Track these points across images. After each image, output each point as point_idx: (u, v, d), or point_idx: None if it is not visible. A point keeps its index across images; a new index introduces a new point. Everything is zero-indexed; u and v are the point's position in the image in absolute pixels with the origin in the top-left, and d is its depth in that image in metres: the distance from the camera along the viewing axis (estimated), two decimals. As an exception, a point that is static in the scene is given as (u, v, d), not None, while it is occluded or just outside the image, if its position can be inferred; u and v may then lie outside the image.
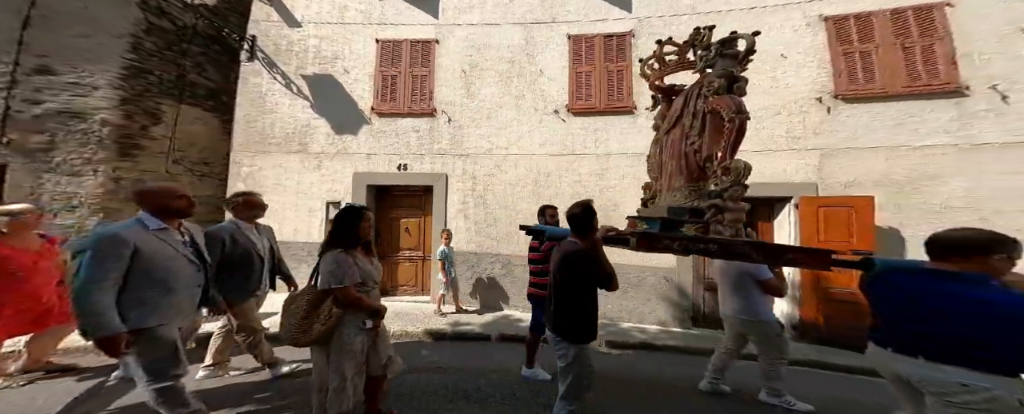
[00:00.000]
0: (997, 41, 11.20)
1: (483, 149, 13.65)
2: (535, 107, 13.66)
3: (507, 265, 13.65)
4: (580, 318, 4.74)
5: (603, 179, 13.40)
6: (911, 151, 11.46)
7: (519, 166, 13.66)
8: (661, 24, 13.50)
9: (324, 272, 4.64)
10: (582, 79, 13.75)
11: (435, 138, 13.98)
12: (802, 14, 12.67)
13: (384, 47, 14.53)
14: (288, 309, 4.89)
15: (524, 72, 13.77)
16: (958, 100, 11.20)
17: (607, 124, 13.56)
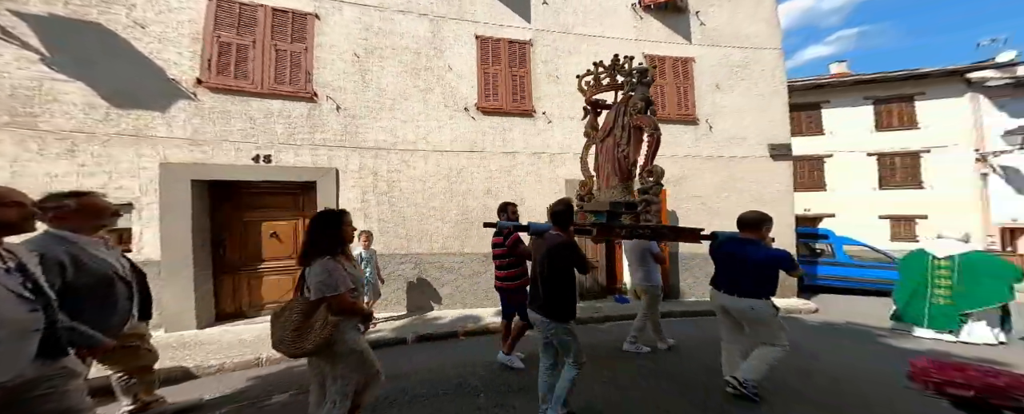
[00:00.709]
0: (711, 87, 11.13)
1: (387, 143, 9.85)
2: (445, 103, 10.47)
3: (420, 264, 10.10)
4: (568, 299, 4.23)
5: (511, 175, 10.82)
6: (677, 159, 11.52)
7: (429, 162, 10.21)
8: (552, 38, 11.23)
9: (316, 282, 3.44)
10: (490, 79, 10.87)
11: (317, 127, 9.47)
12: (636, 53, 11.62)
13: (222, 6, 9.03)
14: (278, 321, 3.60)
15: (432, 66, 10.46)
16: (692, 127, 12.16)
17: (512, 124, 10.84)
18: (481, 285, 10.39)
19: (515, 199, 10.38)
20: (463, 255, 10.35)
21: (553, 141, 11.20)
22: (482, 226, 6.17)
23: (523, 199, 10.67)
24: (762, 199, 11.74)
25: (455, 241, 10.34)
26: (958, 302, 7.69)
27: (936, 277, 7.80)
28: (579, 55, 11.47)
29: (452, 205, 10.34)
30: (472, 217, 10.45)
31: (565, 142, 11.21)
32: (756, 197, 11.84)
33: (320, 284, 3.39)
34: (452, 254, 10.32)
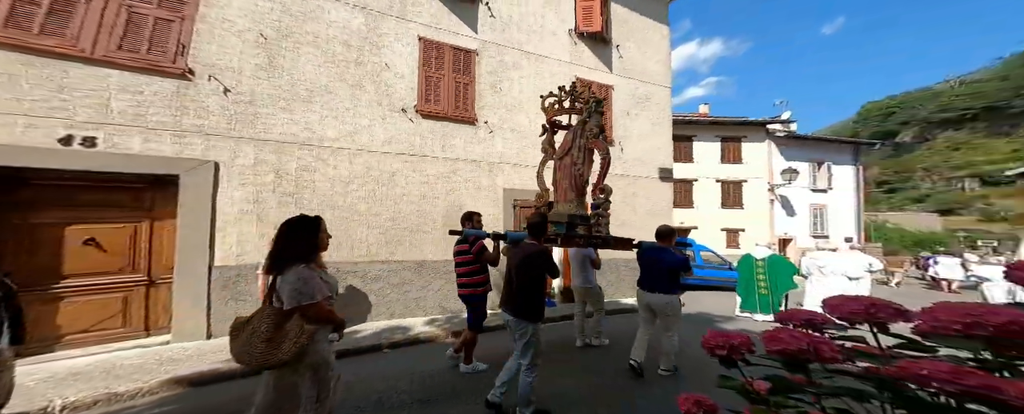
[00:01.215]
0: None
1: (299, 138, 4.89)
2: (379, 101, 5.55)
3: (339, 273, 4.93)
4: (538, 302, 2.70)
5: (449, 182, 6.17)
6: None
7: (356, 162, 5.31)
8: (498, 51, 6.70)
9: (291, 290, 1.73)
10: (432, 83, 6.13)
11: (188, 109, 4.25)
12: (568, 75, 6.88)
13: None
14: (240, 333, 1.77)
15: (366, 61, 5.53)
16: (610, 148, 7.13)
17: (454, 131, 6.27)
18: (411, 294, 5.59)
19: (455, 206, 5.78)
20: (392, 263, 5.46)
21: (494, 151, 6.47)
22: (411, 233, 4.48)
23: (462, 206, 5.97)
24: (653, 212, 8.05)
25: (383, 248, 5.39)
26: (771, 292, 6.29)
27: (757, 274, 6.33)
28: (522, 70, 6.87)
29: (382, 210, 5.38)
30: (405, 224, 5.57)
31: (505, 152, 6.55)
32: (650, 211, 8.08)
33: (295, 292, 1.73)
34: (379, 262, 5.40)
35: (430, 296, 5.67)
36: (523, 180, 6.73)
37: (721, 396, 0.91)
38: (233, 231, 4.36)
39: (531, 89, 6.94)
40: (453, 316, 5.66)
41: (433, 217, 5.80)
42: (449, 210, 5.92)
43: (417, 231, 5.64)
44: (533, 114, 6.94)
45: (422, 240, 5.68)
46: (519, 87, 6.86)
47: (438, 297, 5.73)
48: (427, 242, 5.70)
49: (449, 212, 5.92)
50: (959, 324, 0.62)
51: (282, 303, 1.73)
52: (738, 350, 0.82)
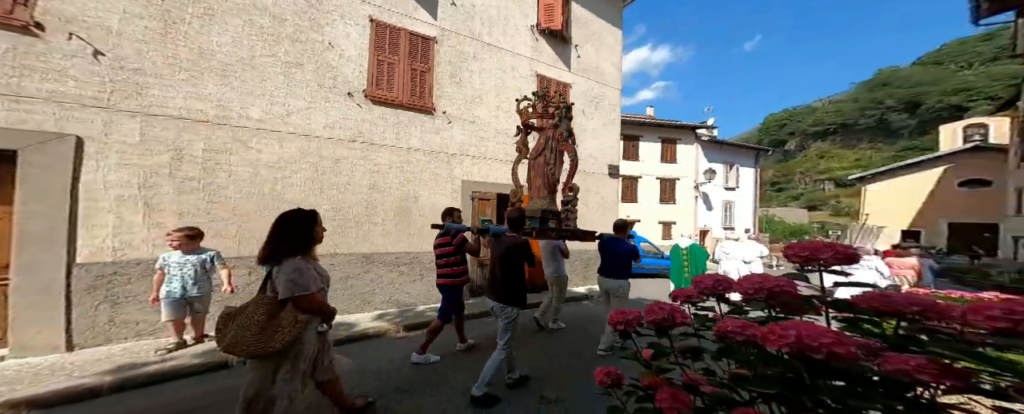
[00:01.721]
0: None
1: (206, 115, 3.26)
2: (319, 83, 4.01)
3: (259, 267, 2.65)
4: (521, 289, 2.44)
5: (404, 172, 4.86)
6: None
7: (288, 146, 3.76)
8: (458, 41, 5.42)
9: (286, 280, 1.44)
10: (385, 68, 4.70)
11: (34, 71, 2.59)
12: (529, 70, 5.95)
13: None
14: (231, 322, 1.43)
15: (305, 39, 3.93)
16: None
17: (409, 119, 4.96)
18: (357, 288, 4.31)
19: (410, 197, 4.42)
20: (336, 256, 4.07)
21: (453, 142, 5.16)
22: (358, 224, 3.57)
23: (417, 197, 4.68)
24: (603, 207, 7.08)
25: (325, 240, 3.95)
26: (693, 275, 5.30)
27: (684, 262, 5.51)
28: (483, 62, 5.51)
29: (322, 199, 4.00)
30: (350, 214, 4.23)
31: (465, 143, 5.26)
32: (599, 204, 7.05)
33: (290, 283, 1.47)
34: (318, 256, 3.87)
35: (380, 290, 4.45)
36: (482, 172, 5.53)
37: (629, 367, 0.86)
38: (108, 220, 2.90)
39: (492, 81, 5.66)
40: (406, 309, 4.50)
41: (384, 208, 4.52)
42: (403, 201, 4.66)
43: (365, 222, 4.35)
44: (494, 107, 5.68)
45: (371, 232, 4.40)
46: (480, 79, 5.56)
47: (389, 290, 4.52)
48: (376, 234, 4.43)
49: (403, 203, 4.65)
50: (752, 290, 0.71)
51: (276, 293, 1.49)
52: (631, 324, 0.83)
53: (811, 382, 0.59)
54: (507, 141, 5.80)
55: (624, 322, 0.82)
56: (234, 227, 3.48)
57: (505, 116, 5.75)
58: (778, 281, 0.68)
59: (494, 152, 5.69)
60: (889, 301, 0.59)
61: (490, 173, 5.65)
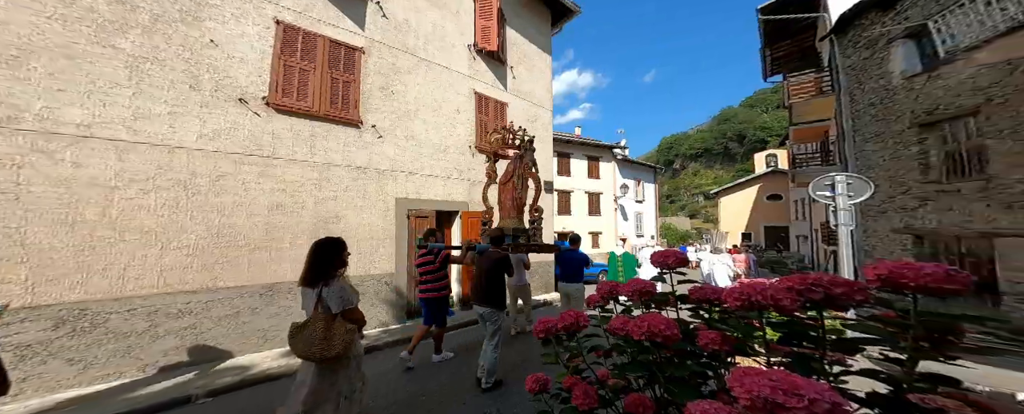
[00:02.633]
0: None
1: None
2: (194, 85, 2.78)
3: (88, 315, 2.21)
4: (503, 295, 2.61)
5: (321, 190, 3.79)
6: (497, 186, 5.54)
7: (133, 159, 2.43)
8: (391, 54, 4.55)
9: (338, 297, 1.55)
10: (296, 75, 3.55)
11: None
12: (467, 88, 5.41)
13: None
14: (299, 336, 1.53)
15: (173, 32, 2.67)
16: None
17: (329, 132, 3.92)
18: (253, 324, 3.14)
19: (331, 217, 3.31)
20: (216, 291, 2.79)
21: (384, 157, 4.22)
22: (252, 251, 2.75)
23: (341, 217, 3.63)
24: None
25: (196, 275, 2.75)
26: (625, 279, 4.58)
27: (618, 267, 5.43)
28: (418, 76, 4.70)
29: (194, 224, 2.75)
30: (240, 241, 3.03)
31: (399, 159, 4.36)
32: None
33: (341, 300, 1.57)
34: (184, 293, 2.73)
35: (288, 324, 3.30)
36: (418, 189, 4.68)
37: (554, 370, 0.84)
38: None
39: (429, 96, 4.88)
40: None
41: (295, 231, 3.41)
42: (322, 222, 3.59)
43: (265, 249, 3.20)
44: (431, 122, 4.90)
45: (275, 259, 3.26)
46: (415, 93, 4.74)
47: (300, 325, 3.38)
48: (283, 260, 3.30)
49: (321, 224, 3.59)
50: (625, 294, 0.78)
51: (328, 310, 1.57)
52: (550, 331, 0.81)
53: (659, 360, 0.66)
54: (446, 158, 5.06)
55: (545, 330, 0.81)
56: (24, 269, 2.12)
57: (444, 132, 5.01)
58: (644, 283, 0.78)
59: (432, 168, 4.89)
60: (703, 292, 0.75)
61: (428, 190, 4.84)
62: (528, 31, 6.77)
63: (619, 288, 0.81)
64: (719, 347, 0.64)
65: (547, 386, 0.79)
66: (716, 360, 0.68)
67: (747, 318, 0.67)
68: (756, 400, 0.37)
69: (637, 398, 0.66)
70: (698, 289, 0.76)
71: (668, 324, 0.62)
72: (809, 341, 0.60)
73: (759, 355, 0.65)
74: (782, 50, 9.47)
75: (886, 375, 0.54)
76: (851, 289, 0.53)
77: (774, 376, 0.39)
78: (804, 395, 0.36)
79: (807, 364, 0.57)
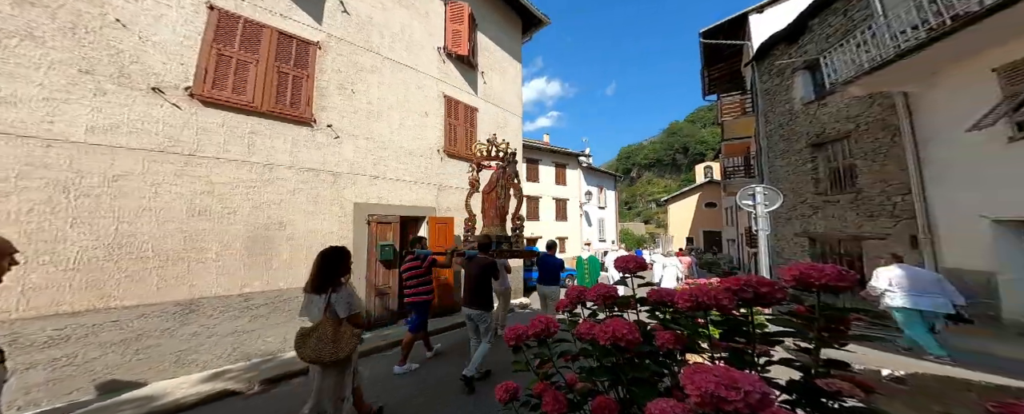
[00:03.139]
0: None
1: None
2: (88, 68, 2.10)
3: None
4: (490, 297, 2.60)
5: (261, 193, 3.18)
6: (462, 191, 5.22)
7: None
8: (351, 50, 4.01)
9: (346, 303, 1.58)
10: (230, 65, 2.89)
11: None
12: (436, 91, 5.00)
13: None
14: (309, 339, 1.51)
15: (60, 6, 1.99)
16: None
17: (273, 130, 3.33)
18: (166, 347, 2.49)
19: (272, 223, 2.71)
20: (108, 312, 2.13)
21: (341, 159, 3.68)
22: (165, 264, 2.28)
23: (285, 223, 3.04)
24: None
25: (79, 294, 2.08)
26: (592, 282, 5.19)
27: (585, 270, 5.27)
28: (383, 76, 4.24)
29: (77, 232, 2.08)
30: (148, 251, 2.36)
31: (359, 162, 3.84)
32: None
33: (348, 305, 1.59)
34: (65, 316, 2.08)
35: (213, 344, 2.71)
36: (381, 194, 4.20)
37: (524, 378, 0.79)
38: None
39: (395, 97, 4.42)
40: (264, 360, 2.88)
41: (223, 239, 2.81)
42: (260, 228, 3.02)
43: (180, 260, 2.59)
44: (397, 124, 4.44)
45: (196, 271, 2.65)
46: (379, 93, 4.26)
47: (230, 342, 2.81)
48: (206, 273, 2.70)
49: (260, 231, 3.01)
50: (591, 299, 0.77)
51: (336, 314, 1.57)
52: (521, 338, 0.78)
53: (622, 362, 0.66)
54: (413, 161, 4.62)
55: (515, 337, 0.78)
56: None
57: (411, 135, 4.58)
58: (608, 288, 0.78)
59: (397, 172, 4.44)
60: (659, 294, 0.75)
61: (392, 195, 4.37)
62: (499, 38, 6.48)
63: (586, 293, 0.81)
64: (673, 346, 0.65)
65: (517, 394, 0.76)
66: (670, 358, 0.70)
67: (695, 317, 0.70)
68: (704, 395, 0.39)
69: (604, 401, 0.64)
70: (655, 291, 0.78)
71: (630, 328, 0.63)
72: (742, 336, 0.64)
73: (705, 352, 0.68)
74: (718, 72, 10.16)
75: (799, 363, 0.59)
76: (773, 288, 0.58)
77: (718, 372, 0.41)
78: (741, 388, 0.39)
79: (741, 358, 0.62)
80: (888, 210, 4.46)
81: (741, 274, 3.74)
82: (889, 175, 4.44)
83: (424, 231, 4.82)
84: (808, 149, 5.86)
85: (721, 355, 0.65)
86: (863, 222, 4.80)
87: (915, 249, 4.01)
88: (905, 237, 4.20)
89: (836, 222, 5.28)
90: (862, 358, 2.61)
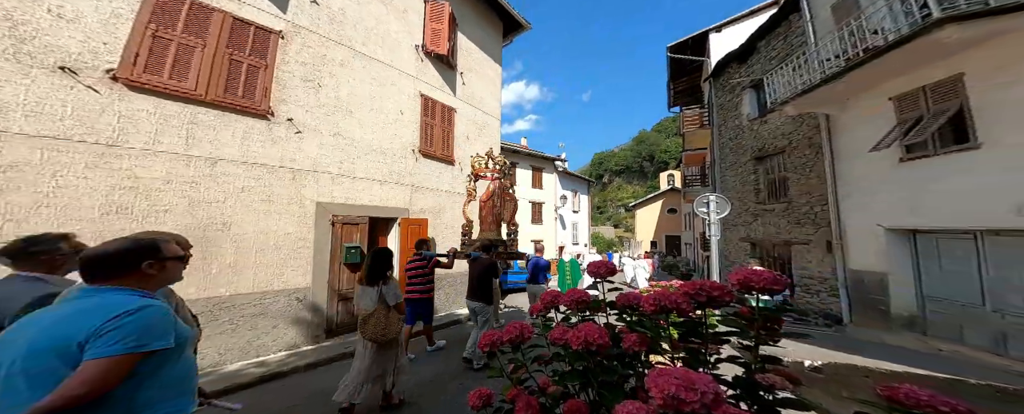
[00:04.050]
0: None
1: None
2: None
3: None
4: (491, 292, 2.90)
5: (202, 190, 2.75)
6: (441, 194, 5.19)
7: None
8: (319, 42, 3.63)
9: (394, 294, 1.97)
10: (169, 49, 2.48)
11: None
12: (413, 89, 4.72)
13: None
14: (368, 323, 1.92)
15: None
16: (450, 167, 5.32)
17: (220, 121, 2.89)
18: None
19: (213, 223, 2.37)
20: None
21: (303, 155, 3.35)
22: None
23: (230, 223, 2.68)
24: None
25: None
26: (573, 285, 5.28)
27: (566, 273, 5.24)
28: (354, 71, 3.99)
29: None
30: None
31: (323, 160, 3.54)
32: None
33: (395, 295, 1.98)
34: None
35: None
36: (348, 193, 3.92)
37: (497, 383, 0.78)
38: None
39: (367, 93, 4.16)
40: (203, 374, 2.44)
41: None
42: (198, 228, 2.65)
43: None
44: (369, 122, 4.18)
45: (113, 281, 2.23)
46: (350, 88, 3.98)
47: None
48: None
49: (196, 231, 2.65)
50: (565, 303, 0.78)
51: (386, 303, 1.92)
52: (495, 344, 0.78)
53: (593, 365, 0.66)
54: (385, 160, 4.38)
55: (490, 344, 0.78)
56: None
57: (384, 133, 4.34)
58: (580, 293, 0.78)
59: (367, 171, 4.17)
60: (626, 298, 0.77)
61: (361, 195, 4.10)
62: (480, 39, 6.37)
63: (560, 298, 0.81)
64: (639, 348, 0.66)
65: (490, 401, 0.74)
66: (636, 360, 0.71)
67: (659, 319, 0.72)
68: (666, 398, 0.41)
69: (574, 404, 0.64)
70: (623, 295, 0.79)
71: (601, 333, 0.64)
72: (697, 336, 0.67)
73: (666, 353, 0.70)
74: (681, 85, 10.80)
75: (742, 360, 0.63)
76: (723, 291, 0.62)
77: (678, 374, 0.43)
78: (697, 389, 0.41)
79: (697, 357, 0.65)
80: (811, 219, 5.05)
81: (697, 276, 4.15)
82: (813, 188, 5.03)
83: (395, 233, 4.57)
84: (752, 162, 6.47)
85: (680, 355, 0.68)
86: (792, 229, 5.40)
87: (830, 254, 4.58)
88: (823, 243, 4.78)
89: (772, 228, 5.89)
90: (788, 352, 2.90)
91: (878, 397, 0.45)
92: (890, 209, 3.81)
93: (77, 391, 0.58)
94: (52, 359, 0.60)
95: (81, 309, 0.65)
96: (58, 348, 0.61)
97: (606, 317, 0.80)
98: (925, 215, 3.40)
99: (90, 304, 0.66)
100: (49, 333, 0.62)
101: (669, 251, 19.37)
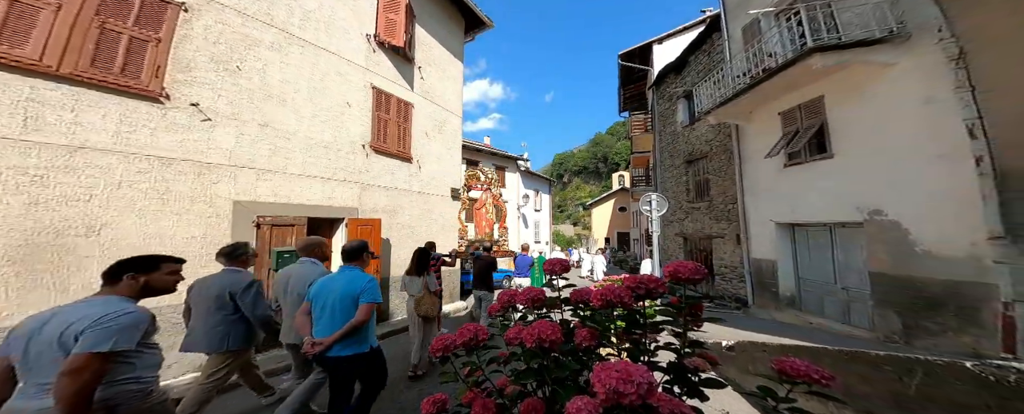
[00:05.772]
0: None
1: None
2: None
3: None
4: (491, 282, 3.67)
5: (51, 185, 2.04)
6: (397, 192, 4.92)
7: None
8: (245, 23, 2.93)
9: (434, 282, 2.67)
10: (10, 8, 1.97)
11: None
12: (363, 80, 4.20)
13: None
14: (422, 303, 2.55)
15: None
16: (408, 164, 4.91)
17: (81, 100, 2.11)
18: None
19: (87, 226, 1.82)
20: None
21: (214, 147, 2.75)
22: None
23: (99, 227, 2.06)
24: (445, 227, 5.86)
25: None
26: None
27: (541, 271, 5.11)
28: (288, 56, 3.43)
29: None
30: None
31: (243, 153, 2.97)
32: (442, 226, 5.76)
33: (435, 284, 2.69)
34: None
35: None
36: (279, 191, 3.37)
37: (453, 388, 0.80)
38: None
39: (305, 82, 3.61)
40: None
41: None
42: (49, 234, 2.01)
43: None
44: (307, 112, 3.64)
45: None
46: (282, 75, 3.40)
47: None
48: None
49: (46, 238, 1.99)
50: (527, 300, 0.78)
51: (429, 289, 2.58)
52: (448, 349, 0.76)
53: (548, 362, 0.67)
54: (329, 155, 3.88)
55: (442, 348, 0.75)
56: None
57: (328, 126, 3.84)
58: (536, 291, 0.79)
59: (305, 167, 3.64)
60: (579, 294, 0.79)
61: (299, 193, 3.56)
62: (440, 34, 5.97)
63: (516, 297, 0.81)
64: (589, 342, 0.67)
65: (446, 406, 0.72)
66: (587, 354, 0.72)
67: (607, 313, 0.74)
68: (608, 391, 0.42)
69: (530, 403, 0.64)
70: (576, 291, 0.80)
71: (553, 329, 0.64)
72: (639, 327, 0.70)
73: (613, 346, 0.72)
74: (630, 91, 11.34)
75: (674, 346, 0.67)
76: (658, 284, 0.65)
77: (619, 368, 0.44)
78: (634, 381, 0.42)
79: (639, 347, 0.68)
80: (726, 215, 5.82)
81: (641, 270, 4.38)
82: (727, 188, 5.72)
83: (341, 234, 4.10)
84: (684, 164, 7.09)
85: (625, 346, 0.70)
86: (713, 224, 6.20)
87: (739, 245, 5.33)
88: (734, 236, 5.54)
89: (698, 224, 6.69)
90: (710, 335, 3.28)
91: (772, 370, 0.52)
92: (778, 206, 4.36)
93: (363, 317, 1.33)
94: (350, 301, 1.35)
95: (351, 277, 1.41)
96: (352, 294, 1.36)
97: (561, 313, 0.81)
98: (800, 211, 3.93)
99: (354, 274, 1.41)
100: (346, 288, 1.37)
101: (620, 247, 20.52)
